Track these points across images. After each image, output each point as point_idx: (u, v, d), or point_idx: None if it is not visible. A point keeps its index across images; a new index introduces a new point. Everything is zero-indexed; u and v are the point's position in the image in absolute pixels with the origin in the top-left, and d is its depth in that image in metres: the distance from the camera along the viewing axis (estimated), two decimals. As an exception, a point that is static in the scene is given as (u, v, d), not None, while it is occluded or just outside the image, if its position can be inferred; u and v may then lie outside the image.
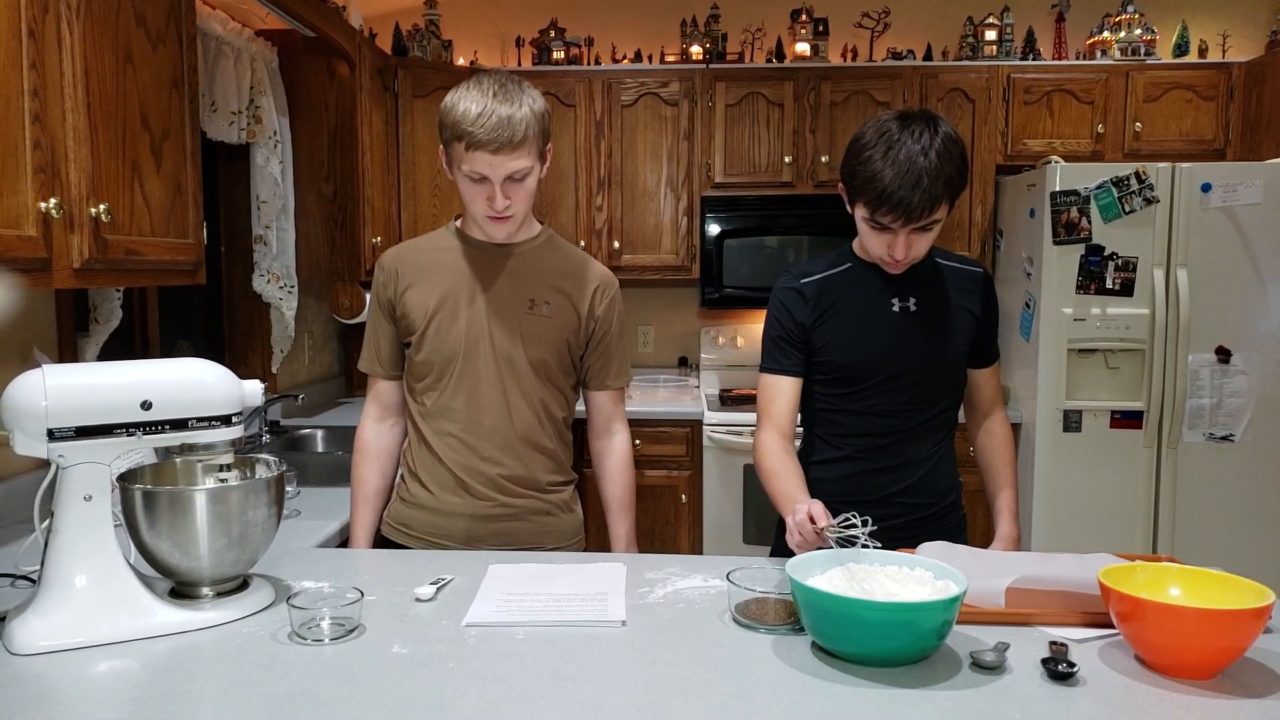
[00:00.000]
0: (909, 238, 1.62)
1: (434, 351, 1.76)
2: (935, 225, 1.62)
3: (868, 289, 1.74)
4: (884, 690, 1.14)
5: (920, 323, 1.73)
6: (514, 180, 1.66)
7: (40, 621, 1.26)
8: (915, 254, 1.66)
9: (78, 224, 1.63)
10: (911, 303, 1.74)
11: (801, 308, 1.75)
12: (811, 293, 1.75)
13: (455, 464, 1.77)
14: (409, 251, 1.83)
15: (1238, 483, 3.27)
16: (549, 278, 1.79)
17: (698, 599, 1.46)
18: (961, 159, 1.60)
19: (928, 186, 1.54)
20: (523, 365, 1.76)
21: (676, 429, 3.54)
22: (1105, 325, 3.26)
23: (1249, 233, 3.19)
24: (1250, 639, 1.14)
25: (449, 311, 1.75)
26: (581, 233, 3.83)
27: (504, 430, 1.76)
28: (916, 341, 1.72)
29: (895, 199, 1.56)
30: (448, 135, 1.66)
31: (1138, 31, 3.71)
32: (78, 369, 1.33)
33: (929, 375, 1.73)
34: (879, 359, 1.71)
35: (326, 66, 3.20)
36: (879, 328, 1.72)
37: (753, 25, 4.02)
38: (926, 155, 1.54)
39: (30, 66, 1.51)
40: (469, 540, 1.78)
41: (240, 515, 1.37)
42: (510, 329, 1.75)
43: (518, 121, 1.62)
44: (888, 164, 1.56)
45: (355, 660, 1.23)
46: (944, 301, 1.75)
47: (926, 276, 1.75)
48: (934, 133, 1.57)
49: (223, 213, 3.19)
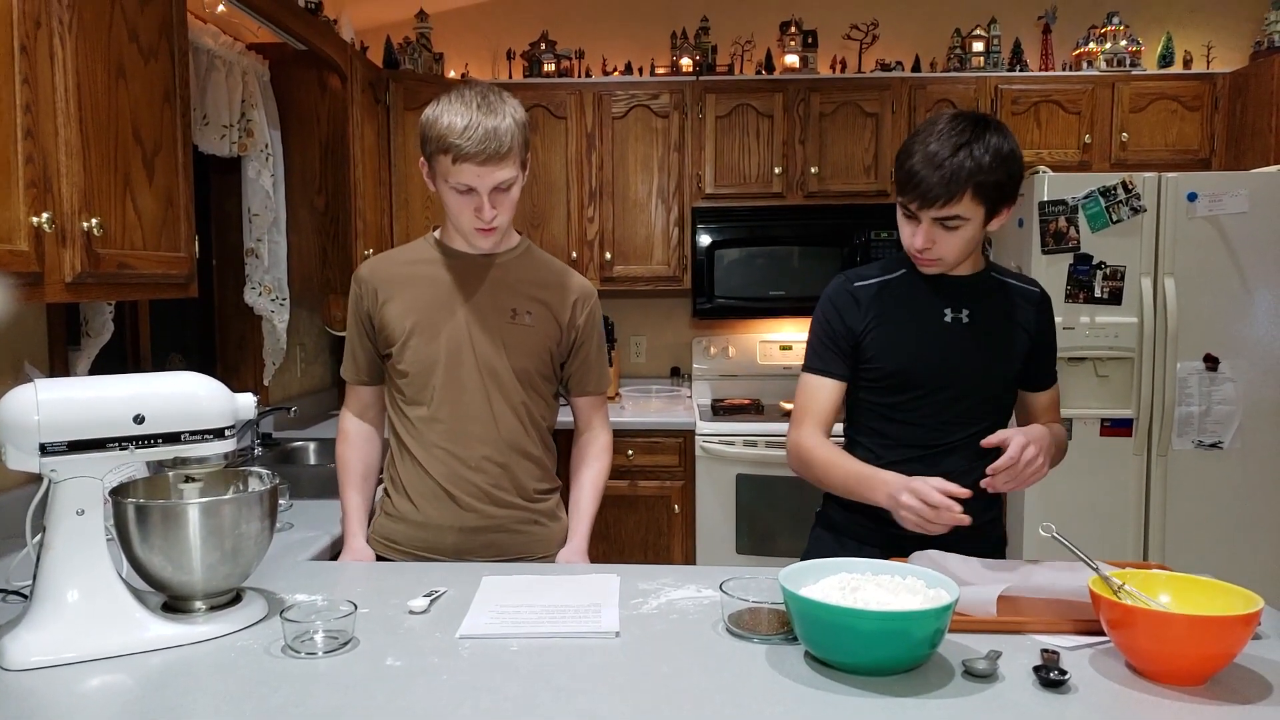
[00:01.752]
0: (930, 229, 1.61)
1: (416, 362, 1.76)
2: (959, 223, 1.60)
3: (921, 296, 1.72)
4: (877, 699, 1.14)
5: (973, 335, 1.70)
6: (500, 190, 1.68)
7: (32, 636, 1.26)
8: (941, 253, 1.65)
9: (70, 238, 1.63)
10: (965, 314, 1.71)
11: (854, 311, 1.73)
12: (865, 296, 1.74)
13: (441, 475, 1.77)
14: (385, 265, 1.83)
15: (1227, 489, 3.29)
16: (529, 288, 1.80)
17: (691, 609, 1.46)
18: (1005, 168, 1.58)
19: (950, 174, 1.55)
20: (506, 374, 1.77)
21: (669, 439, 3.54)
22: (1094, 334, 3.28)
23: (1235, 241, 3.22)
24: (1240, 645, 1.15)
25: (430, 322, 1.76)
26: (573, 244, 3.84)
27: (491, 438, 1.77)
28: (967, 353, 1.69)
29: (916, 178, 1.58)
30: (432, 148, 1.66)
31: (1123, 43, 3.75)
32: (70, 383, 1.33)
33: (977, 389, 1.70)
34: (928, 368, 1.69)
35: (318, 79, 3.21)
36: (931, 336, 1.70)
37: (742, 37, 4.05)
38: (961, 150, 1.56)
39: (23, 81, 1.51)
40: (457, 552, 1.78)
41: (233, 529, 1.36)
42: (493, 338, 1.76)
43: (503, 132, 1.63)
44: (922, 148, 1.59)
45: (349, 673, 1.22)
46: (999, 316, 1.72)
47: (981, 289, 1.73)
48: (979, 135, 1.58)
49: (214, 226, 3.19)
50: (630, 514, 3.53)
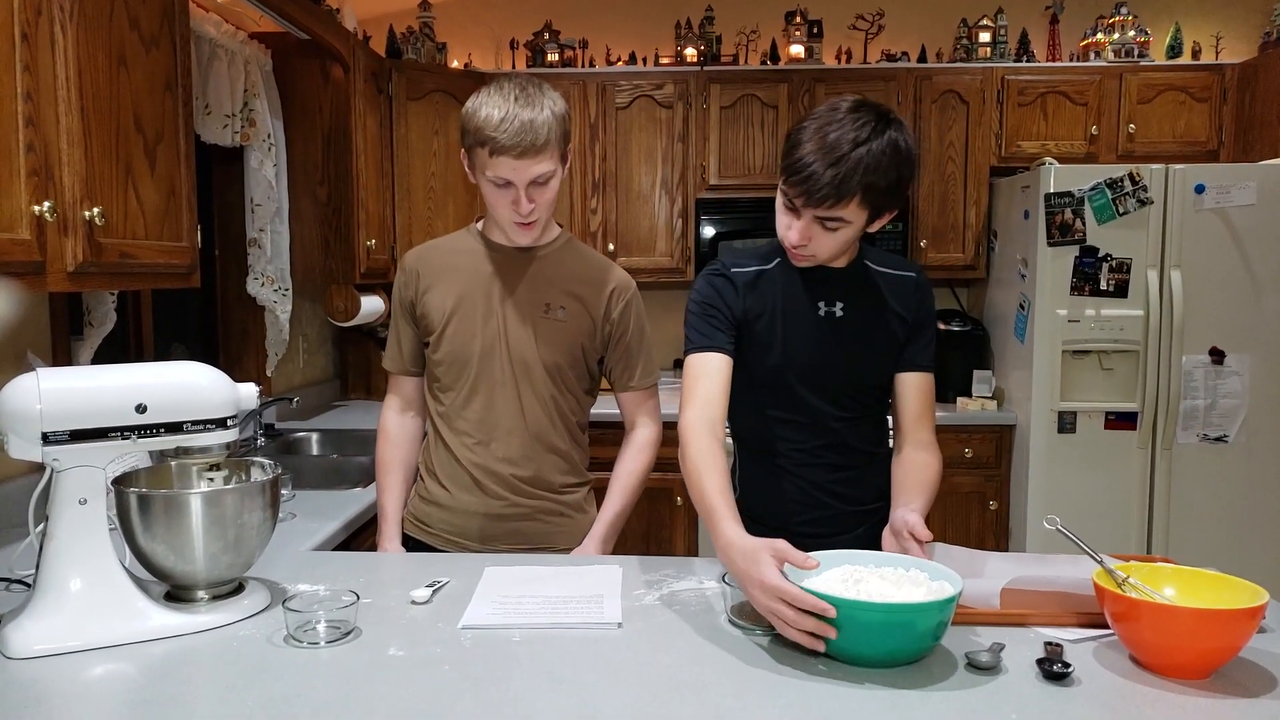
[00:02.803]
0: (808, 226, 1.52)
1: (451, 352, 1.78)
2: (841, 225, 1.50)
3: (795, 290, 1.65)
4: (880, 691, 1.14)
5: (846, 329, 1.65)
6: (538, 184, 1.67)
7: (35, 625, 1.26)
8: (815, 251, 1.56)
9: (72, 227, 1.63)
10: (839, 307, 1.64)
11: (733, 295, 1.65)
12: (742, 283, 1.66)
13: (470, 463, 1.79)
14: (429, 253, 1.85)
15: (1232, 483, 3.28)
16: (566, 282, 1.80)
17: (694, 601, 1.46)
18: (897, 172, 1.48)
19: (844, 174, 1.44)
20: (537, 368, 1.77)
21: (670, 431, 3.51)
22: (1100, 326, 3.27)
23: (1242, 234, 3.20)
24: (1244, 639, 1.15)
25: (466, 313, 1.77)
26: (576, 235, 3.81)
27: (518, 431, 1.78)
28: (842, 348, 1.64)
29: (806, 171, 1.46)
30: (470, 141, 1.66)
31: (1131, 33, 3.73)
32: (72, 372, 1.33)
33: (851, 383, 1.66)
34: (802, 364, 1.64)
35: (321, 69, 3.20)
36: (807, 332, 1.64)
37: (747, 27, 4.03)
38: (859, 147, 1.44)
39: (24, 69, 1.51)
40: (483, 538, 1.79)
41: (235, 518, 1.36)
42: (525, 332, 1.77)
43: (540, 125, 1.62)
44: (815, 137, 1.47)
45: (351, 663, 1.22)
46: (873, 308, 1.66)
47: (856, 282, 1.66)
48: (880, 132, 1.46)
49: (217, 216, 3.18)
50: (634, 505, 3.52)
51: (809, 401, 1.67)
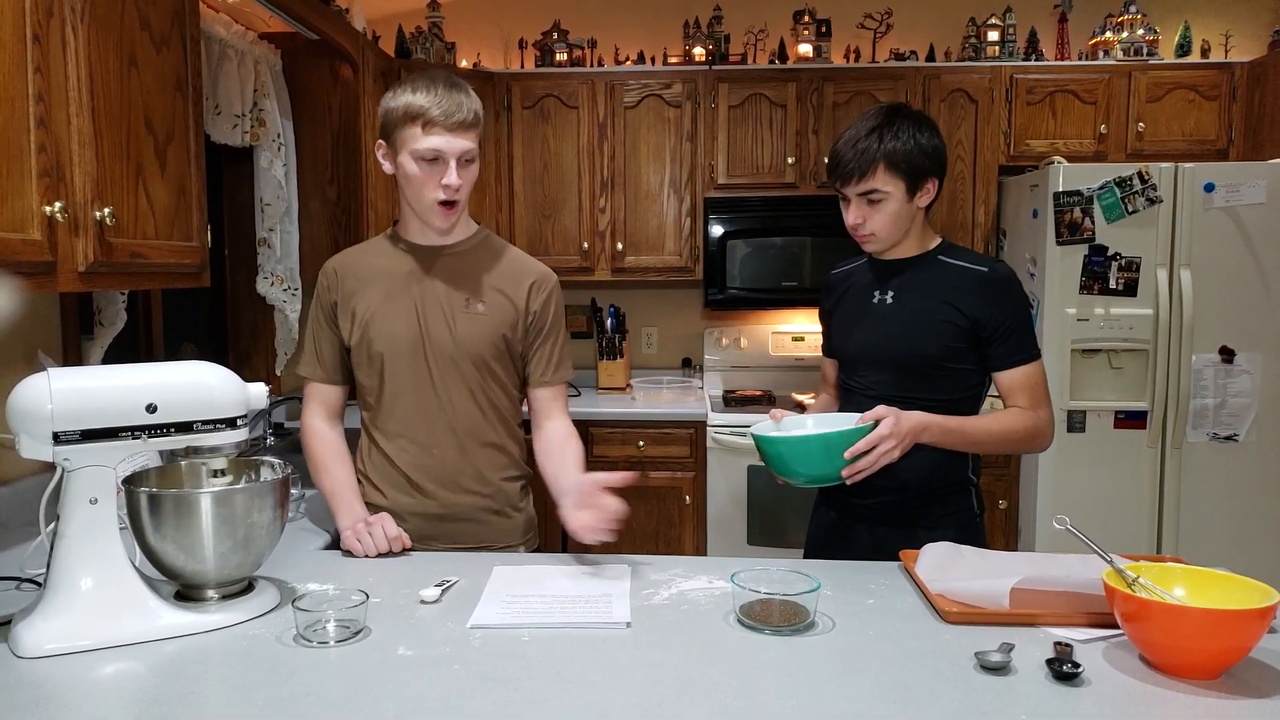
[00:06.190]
0: (858, 206, 1.76)
1: (374, 354, 1.79)
2: (881, 196, 1.73)
3: (865, 281, 1.88)
4: (890, 691, 1.14)
5: (893, 314, 1.80)
6: (465, 162, 1.72)
7: (46, 624, 1.27)
8: (873, 229, 1.77)
9: (82, 227, 1.64)
10: (889, 296, 1.82)
11: (828, 295, 1.98)
12: (835, 281, 1.97)
13: (406, 464, 1.81)
14: (349, 258, 1.89)
15: (1242, 483, 3.26)
16: (486, 276, 1.82)
17: (702, 600, 1.46)
18: (914, 136, 1.71)
19: (864, 148, 1.71)
20: (463, 362, 1.79)
21: (680, 430, 3.54)
22: (1109, 325, 3.25)
23: (1252, 233, 3.19)
24: (1255, 639, 1.14)
25: (387, 313, 1.79)
26: (584, 234, 3.83)
27: (448, 425, 1.79)
28: (888, 334, 1.79)
29: (835, 159, 1.76)
30: (396, 121, 1.71)
31: (1140, 31, 3.71)
32: (83, 372, 1.33)
33: (898, 368, 1.78)
34: (859, 348, 1.84)
35: (330, 69, 3.20)
36: (862, 318, 1.85)
37: (755, 27, 4.03)
38: (876, 131, 1.72)
39: (35, 70, 1.51)
40: (422, 539, 1.79)
41: (245, 518, 1.37)
42: (447, 327, 1.78)
43: (467, 105, 1.71)
44: (842, 137, 1.77)
45: (361, 662, 1.23)
46: (923, 295, 1.78)
47: (919, 272, 1.81)
48: (891, 120, 1.72)
49: (226, 216, 3.19)
50: (641, 505, 3.53)
51: (865, 381, 1.84)
